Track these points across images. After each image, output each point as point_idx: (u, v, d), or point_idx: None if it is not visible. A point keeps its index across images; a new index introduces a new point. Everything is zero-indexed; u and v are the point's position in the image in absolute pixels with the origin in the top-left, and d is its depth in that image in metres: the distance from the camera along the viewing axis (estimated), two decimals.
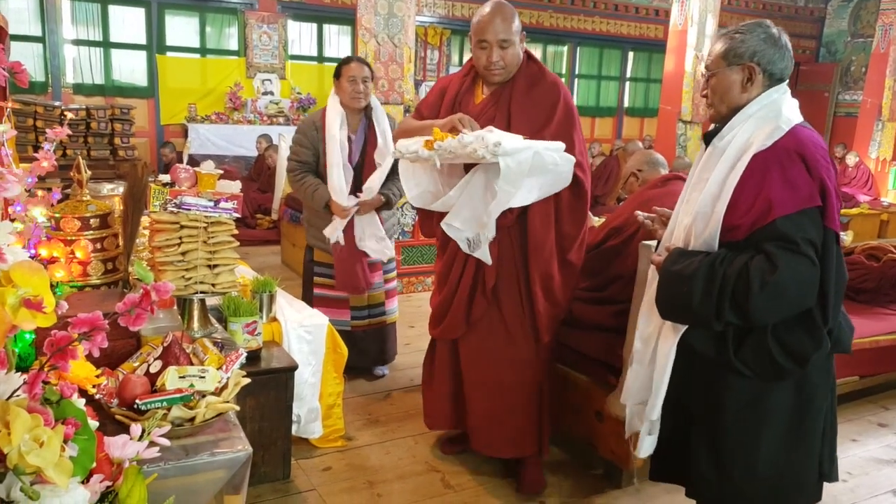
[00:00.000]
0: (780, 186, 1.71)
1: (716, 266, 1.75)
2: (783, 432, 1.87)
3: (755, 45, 1.83)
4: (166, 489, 1.35)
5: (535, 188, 2.45)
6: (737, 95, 1.86)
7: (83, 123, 7.00)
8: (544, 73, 2.69)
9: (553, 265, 2.63)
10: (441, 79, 2.92)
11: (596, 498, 2.76)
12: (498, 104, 2.64)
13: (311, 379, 2.90)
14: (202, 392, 1.59)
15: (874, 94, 9.91)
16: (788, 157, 1.73)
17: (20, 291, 1.00)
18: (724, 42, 1.87)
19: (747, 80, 1.84)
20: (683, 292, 1.79)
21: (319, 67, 10.20)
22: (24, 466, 0.96)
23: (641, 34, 12.17)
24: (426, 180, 2.65)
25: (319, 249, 3.63)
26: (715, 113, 1.93)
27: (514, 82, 2.64)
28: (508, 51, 2.56)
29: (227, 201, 2.20)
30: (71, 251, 2.18)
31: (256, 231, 7.32)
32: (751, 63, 1.83)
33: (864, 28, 12.56)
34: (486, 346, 2.70)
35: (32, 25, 8.43)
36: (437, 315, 2.80)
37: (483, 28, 2.55)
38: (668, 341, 1.94)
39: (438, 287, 2.82)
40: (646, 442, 2.07)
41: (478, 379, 2.74)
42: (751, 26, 1.87)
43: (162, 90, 9.15)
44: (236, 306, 2.54)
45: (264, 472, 2.70)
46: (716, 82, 1.89)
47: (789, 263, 1.67)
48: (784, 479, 1.91)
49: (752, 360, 1.80)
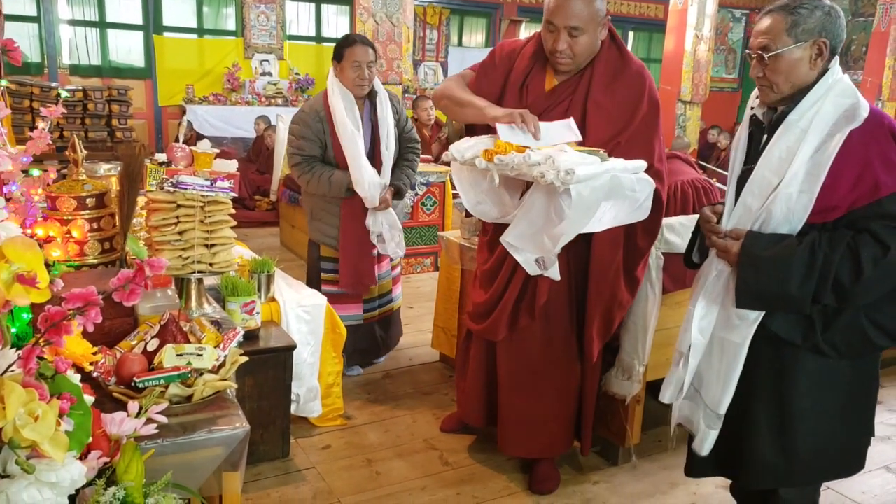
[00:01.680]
0: (882, 165, 1.68)
1: (815, 248, 1.71)
2: (850, 406, 1.89)
3: (823, 19, 1.75)
4: (164, 466, 1.35)
5: (609, 215, 2.15)
6: (804, 74, 1.77)
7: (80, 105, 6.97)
8: (628, 60, 2.37)
9: (619, 286, 2.41)
10: (506, 43, 2.54)
11: (593, 475, 2.78)
12: (573, 99, 2.34)
13: (310, 358, 2.91)
14: (200, 370, 1.59)
15: (874, 73, 9.85)
16: (884, 134, 1.71)
17: (13, 267, 1.00)
18: (786, 17, 1.76)
19: (817, 57, 1.76)
20: (780, 278, 1.73)
21: (318, 48, 10.13)
22: (19, 440, 0.97)
23: (641, 13, 12.08)
24: (486, 186, 2.37)
25: (325, 245, 3.42)
26: (776, 94, 1.81)
27: (592, 72, 2.33)
28: (580, 39, 2.24)
29: (224, 180, 2.19)
30: (67, 231, 2.18)
31: (255, 212, 7.31)
32: (821, 39, 1.75)
33: (864, 7, 12.46)
34: (526, 355, 2.53)
35: (27, 5, 8.37)
36: (478, 312, 2.59)
37: (553, 8, 2.23)
38: (741, 331, 1.86)
39: (483, 284, 2.60)
40: (709, 437, 1.98)
41: (513, 384, 2.58)
42: (810, 0, 1.77)
43: (159, 71, 9.09)
44: (234, 286, 2.55)
45: (264, 451, 2.72)
46: (780, 61, 1.77)
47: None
48: (848, 450, 1.94)
49: (840, 341, 1.79)
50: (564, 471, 2.77)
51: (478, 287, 2.65)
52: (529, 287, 2.43)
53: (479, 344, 2.69)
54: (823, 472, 1.99)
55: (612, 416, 2.80)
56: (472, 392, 2.76)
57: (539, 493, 2.64)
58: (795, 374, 1.86)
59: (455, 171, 2.44)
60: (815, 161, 1.73)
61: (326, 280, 3.44)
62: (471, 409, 2.80)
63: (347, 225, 3.31)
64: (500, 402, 2.65)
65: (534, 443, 2.63)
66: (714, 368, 1.95)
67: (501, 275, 2.49)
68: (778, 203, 1.76)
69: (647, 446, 2.90)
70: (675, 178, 3.06)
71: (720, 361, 1.92)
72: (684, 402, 2.05)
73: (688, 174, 3.19)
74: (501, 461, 2.83)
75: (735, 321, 1.87)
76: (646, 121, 2.34)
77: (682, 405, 2.06)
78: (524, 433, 2.62)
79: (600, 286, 2.41)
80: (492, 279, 2.54)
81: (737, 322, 1.87)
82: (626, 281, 2.43)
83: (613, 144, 2.29)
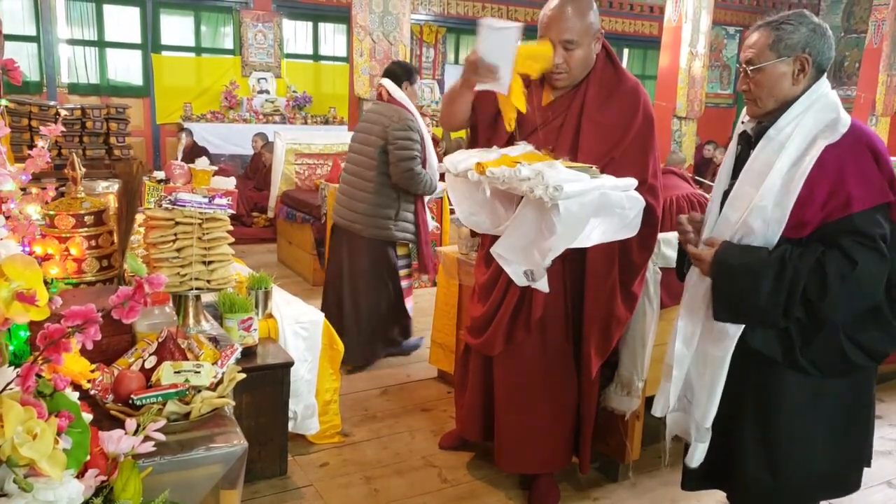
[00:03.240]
0: (856, 180, 1.67)
1: (785, 260, 1.70)
2: (840, 427, 1.85)
3: (807, 35, 1.77)
4: (162, 484, 1.35)
5: (598, 231, 2.15)
6: (787, 88, 1.79)
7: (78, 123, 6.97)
8: (623, 76, 2.38)
9: (616, 301, 2.40)
10: None
11: (592, 492, 2.77)
12: (567, 115, 2.35)
13: (308, 375, 2.90)
14: (197, 387, 1.59)
15: (868, 89, 9.93)
16: (860, 150, 1.70)
17: (13, 285, 1.00)
18: (770, 33, 1.79)
19: (799, 72, 1.78)
20: (747, 288, 1.74)
21: (315, 66, 10.20)
22: (17, 458, 0.96)
23: (636, 31, 12.18)
24: (479, 198, 2.36)
25: (405, 242, 3.84)
26: (760, 108, 1.84)
27: (586, 89, 2.33)
28: (575, 53, 2.25)
29: (222, 197, 2.20)
30: (66, 248, 2.18)
31: (252, 229, 7.32)
32: (804, 55, 1.77)
33: (857, 23, 12.58)
34: (523, 369, 2.52)
35: (27, 25, 8.42)
36: (476, 327, 2.60)
37: (547, 23, 2.25)
38: (721, 344, 1.86)
39: (480, 298, 2.60)
40: (697, 451, 1.97)
41: (510, 399, 2.58)
42: (796, 17, 1.80)
43: (157, 89, 9.14)
44: (231, 303, 2.54)
45: (261, 469, 2.71)
46: (763, 75, 1.79)
47: (866, 258, 1.65)
48: (838, 472, 1.91)
49: (820, 359, 1.77)
50: (564, 487, 2.76)
51: (476, 301, 2.66)
52: (525, 301, 2.43)
53: (477, 358, 2.69)
54: (813, 493, 1.96)
55: (612, 432, 2.79)
56: (470, 407, 2.75)
57: None
58: (780, 393, 1.84)
59: (449, 182, 2.46)
60: (790, 175, 1.74)
61: (403, 275, 3.90)
62: (470, 424, 2.79)
63: (422, 220, 3.86)
64: (497, 417, 2.64)
65: (531, 458, 2.62)
66: (701, 381, 1.95)
67: (497, 288, 2.50)
68: (754, 216, 1.77)
69: (647, 462, 2.89)
70: (670, 193, 3.08)
71: (705, 374, 1.93)
72: (678, 415, 2.05)
73: (683, 189, 3.21)
74: (501, 478, 2.82)
75: (716, 334, 1.88)
76: (640, 137, 2.35)
77: (675, 417, 2.06)
78: (521, 449, 2.61)
79: (597, 301, 2.41)
80: (488, 293, 2.55)
81: (718, 335, 1.88)
82: (623, 296, 2.43)
83: (607, 160, 2.30)
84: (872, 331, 1.75)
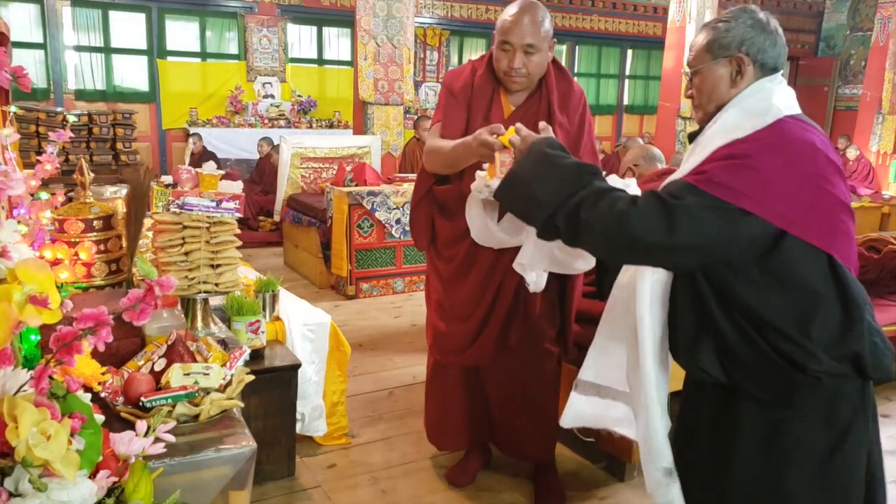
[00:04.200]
0: (730, 171, 1.45)
1: (584, 172, 1.59)
2: (811, 474, 1.51)
3: (742, 32, 1.58)
4: (172, 485, 1.36)
5: None
6: (725, 91, 1.61)
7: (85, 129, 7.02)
8: (569, 78, 2.51)
9: (580, 278, 2.54)
10: (454, 74, 2.54)
11: (598, 491, 2.77)
12: (536, 121, 2.29)
13: (315, 377, 2.92)
14: (206, 389, 1.61)
15: (874, 87, 9.92)
16: (759, 151, 1.46)
17: (26, 288, 1.02)
18: (707, 33, 1.64)
19: (736, 73, 1.59)
20: (541, 176, 1.62)
21: (320, 70, 10.24)
22: (31, 459, 0.98)
23: (640, 31, 12.19)
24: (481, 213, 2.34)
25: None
26: (703, 114, 1.67)
27: (548, 94, 2.42)
28: (533, 57, 2.32)
29: (230, 201, 2.22)
30: (75, 253, 2.20)
31: (259, 233, 7.36)
32: (739, 53, 1.58)
33: (862, 21, 12.56)
34: (516, 366, 2.54)
35: (34, 32, 8.49)
36: (457, 345, 2.54)
37: (508, 29, 2.30)
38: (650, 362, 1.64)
39: (458, 316, 2.52)
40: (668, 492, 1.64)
41: (505, 397, 2.60)
42: (735, 13, 1.62)
43: (163, 95, 9.19)
44: (239, 305, 2.56)
45: (269, 470, 2.72)
46: (701, 79, 1.64)
47: (651, 208, 1.46)
48: None
49: (762, 378, 1.50)
50: (571, 486, 2.77)
51: (448, 320, 2.55)
52: (519, 303, 2.45)
53: (455, 375, 2.65)
54: None
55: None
56: (455, 423, 2.71)
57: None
58: (728, 427, 1.58)
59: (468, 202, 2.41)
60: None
61: None
62: (454, 439, 2.77)
63: None
64: (493, 417, 2.67)
65: (532, 446, 2.66)
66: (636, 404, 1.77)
67: (484, 299, 2.45)
68: None
69: None
70: None
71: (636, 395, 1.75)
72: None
73: None
74: (508, 478, 2.83)
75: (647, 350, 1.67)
76: (591, 133, 2.51)
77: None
78: (523, 436, 2.64)
79: (574, 279, 2.51)
80: (472, 307, 2.48)
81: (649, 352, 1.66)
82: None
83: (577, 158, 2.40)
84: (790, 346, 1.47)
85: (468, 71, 2.50)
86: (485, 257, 2.41)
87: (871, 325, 1.52)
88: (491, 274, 2.42)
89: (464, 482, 2.79)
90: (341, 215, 5.35)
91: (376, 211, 5.39)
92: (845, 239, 1.49)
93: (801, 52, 13.18)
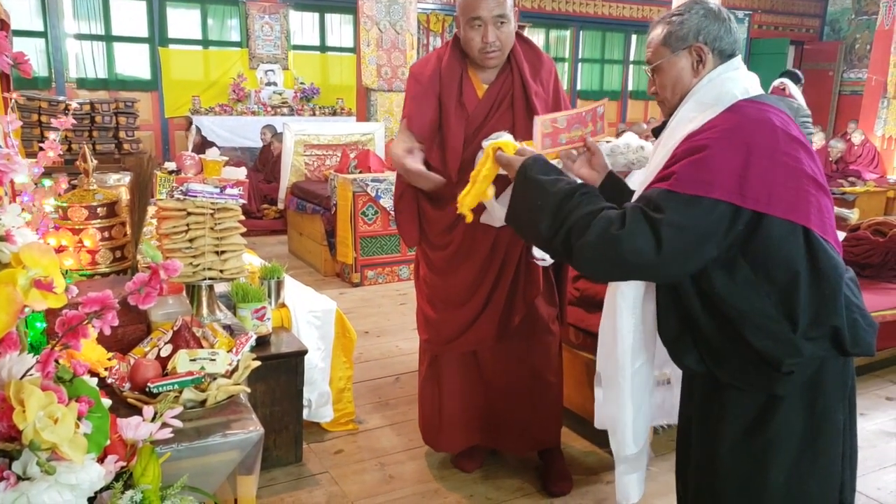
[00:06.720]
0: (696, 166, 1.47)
1: (574, 196, 1.59)
2: (794, 460, 1.56)
3: (697, 23, 1.62)
4: (180, 470, 1.36)
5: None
6: (689, 82, 1.63)
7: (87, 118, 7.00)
8: (536, 48, 2.50)
9: None
10: (420, 65, 2.51)
11: (605, 475, 2.77)
12: (513, 95, 2.39)
13: (321, 363, 2.92)
14: (213, 374, 1.61)
15: (879, 71, 9.84)
16: (715, 139, 1.48)
17: (30, 272, 1.01)
18: (663, 28, 1.66)
19: (697, 62, 1.62)
20: (536, 208, 1.63)
21: (322, 57, 10.18)
22: (39, 442, 0.98)
23: (644, 16, 12.09)
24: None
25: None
26: (669, 108, 1.69)
27: (518, 66, 2.40)
28: (504, 28, 2.30)
29: (233, 187, 2.21)
30: (79, 240, 2.20)
31: (263, 221, 7.35)
32: (697, 43, 1.61)
33: (868, 5, 12.43)
34: (521, 349, 2.54)
35: (34, 20, 8.44)
36: (453, 331, 2.52)
37: (475, 3, 2.26)
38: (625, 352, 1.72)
39: (454, 302, 2.50)
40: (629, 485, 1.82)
41: (509, 383, 2.58)
42: (686, 5, 1.65)
43: (165, 83, 9.15)
44: (245, 292, 2.56)
45: (277, 456, 2.73)
46: (663, 74, 1.66)
47: (638, 229, 1.48)
48: None
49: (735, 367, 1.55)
50: (577, 471, 2.77)
51: (444, 307, 2.54)
52: (518, 285, 2.45)
53: (451, 365, 2.62)
54: None
55: None
56: (454, 419, 2.67)
57: (553, 495, 2.64)
58: (715, 415, 1.62)
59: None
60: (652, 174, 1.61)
61: None
62: (457, 437, 2.71)
63: None
64: (495, 409, 2.64)
65: (532, 436, 2.66)
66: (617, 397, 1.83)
67: (483, 286, 2.45)
68: None
69: (660, 446, 2.90)
70: None
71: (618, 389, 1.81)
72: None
73: None
74: (514, 463, 2.83)
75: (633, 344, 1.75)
76: (563, 98, 2.49)
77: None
78: (524, 428, 2.63)
79: None
80: (469, 294, 2.48)
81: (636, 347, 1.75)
82: None
83: None
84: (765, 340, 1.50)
85: (434, 59, 2.49)
86: (484, 238, 2.39)
87: (851, 300, 1.55)
88: (492, 254, 2.41)
89: (471, 467, 2.79)
90: (346, 203, 5.34)
91: (381, 198, 5.37)
92: (819, 212, 1.51)
93: (805, 37, 13.07)
